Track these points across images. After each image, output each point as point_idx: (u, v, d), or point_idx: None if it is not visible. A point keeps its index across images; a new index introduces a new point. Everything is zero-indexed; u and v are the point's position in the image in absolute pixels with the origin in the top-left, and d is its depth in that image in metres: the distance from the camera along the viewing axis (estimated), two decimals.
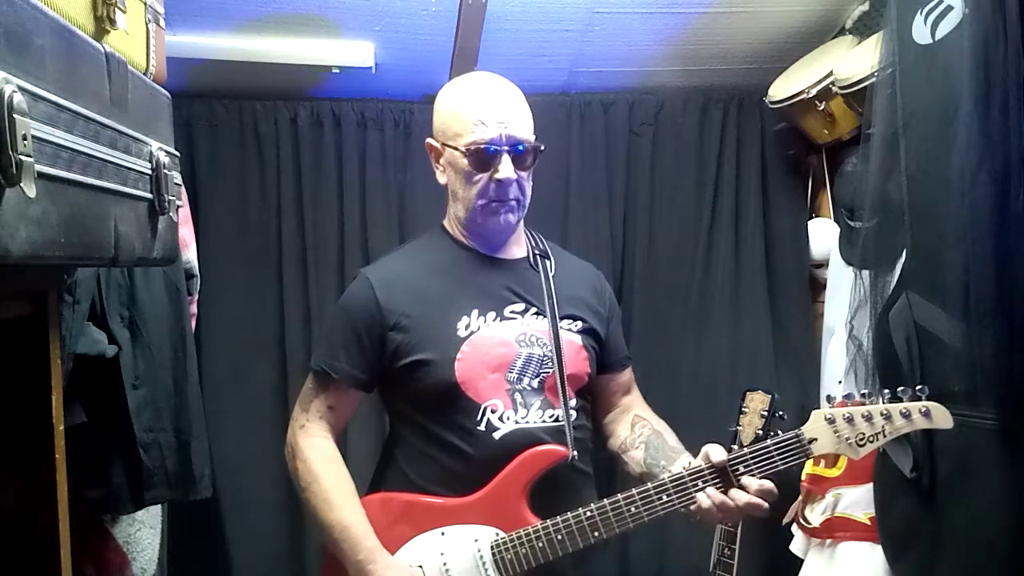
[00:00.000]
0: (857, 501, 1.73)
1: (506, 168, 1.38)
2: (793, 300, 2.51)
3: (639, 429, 1.53)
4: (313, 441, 1.44)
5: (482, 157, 1.38)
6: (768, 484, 1.28)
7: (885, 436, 1.25)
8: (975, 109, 1.19)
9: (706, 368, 2.48)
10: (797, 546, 1.91)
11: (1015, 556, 1.23)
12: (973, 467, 1.28)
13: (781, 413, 1.71)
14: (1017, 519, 1.22)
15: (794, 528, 1.92)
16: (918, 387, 1.23)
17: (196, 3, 1.95)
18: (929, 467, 1.34)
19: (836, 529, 1.77)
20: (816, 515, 1.81)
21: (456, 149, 1.40)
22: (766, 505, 1.28)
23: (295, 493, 2.36)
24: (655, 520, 1.32)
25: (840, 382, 1.86)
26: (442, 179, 1.47)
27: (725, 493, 1.29)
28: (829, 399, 1.29)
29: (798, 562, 1.89)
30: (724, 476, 1.29)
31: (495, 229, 1.45)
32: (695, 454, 1.37)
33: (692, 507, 1.30)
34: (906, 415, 1.23)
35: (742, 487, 1.28)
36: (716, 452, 1.31)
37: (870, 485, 1.60)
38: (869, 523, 1.68)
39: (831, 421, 1.27)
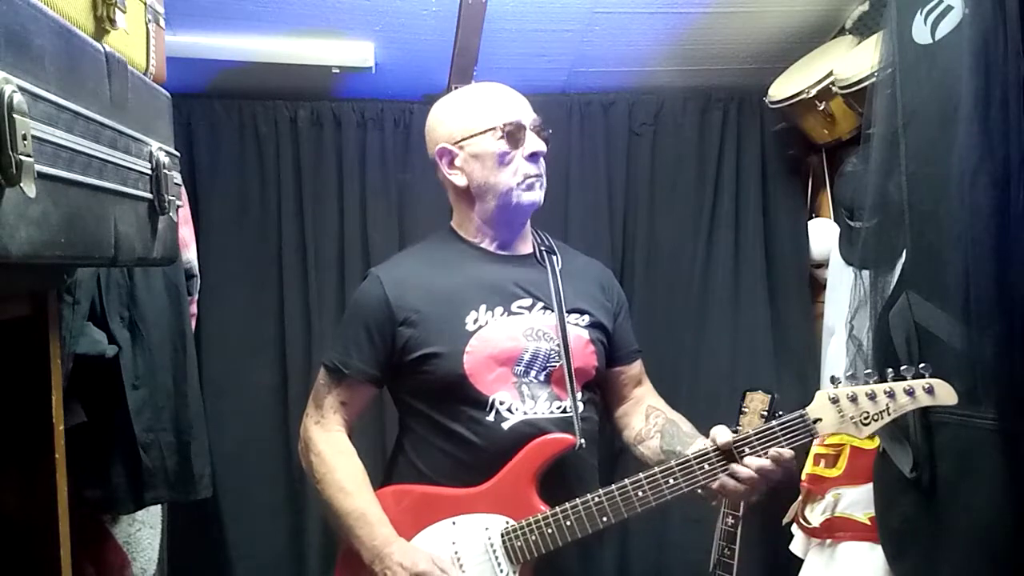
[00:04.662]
0: (857, 501, 1.73)
1: (537, 141, 1.46)
2: (793, 300, 2.51)
3: (654, 419, 1.55)
4: (327, 435, 1.48)
5: (516, 135, 1.44)
6: (772, 455, 1.30)
7: (890, 414, 1.25)
8: (975, 109, 1.19)
9: (706, 368, 2.48)
10: (797, 546, 1.91)
11: (1015, 556, 1.23)
12: (973, 467, 1.28)
13: (781, 413, 1.71)
14: (1017, 519, 1.22)
15: (794, 528, 1.92)
16: (921, 365, 1.23)
17: (197, 3, 1.95)
18: (929, 467, 1.34)
19: (836, 529, 1.76)
20: (816, 515, 1.81)
21: (482, 135, 1.45)
22: (779, 470, 1.30)
23: (295, 493, 2.40)
24: (663, 504, 1.33)
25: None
26: (462, 181, 1.48)
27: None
28: (833, 380, 1.29)
29: (798, 562, 1.89)
30: (730, 458, 1.31)
31: (526, 211, 1.49)
32: None
33: (714, 486, 1.32)
34: (910, 392, 1.23)
35: (746, 467, 1.30)
36: (722, 434, 1.33)
37: (870, 485, 1.60)
38: (869, 523, 1.68)
39: (835, 401, 1.27)
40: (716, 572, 1.82)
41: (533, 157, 1.46)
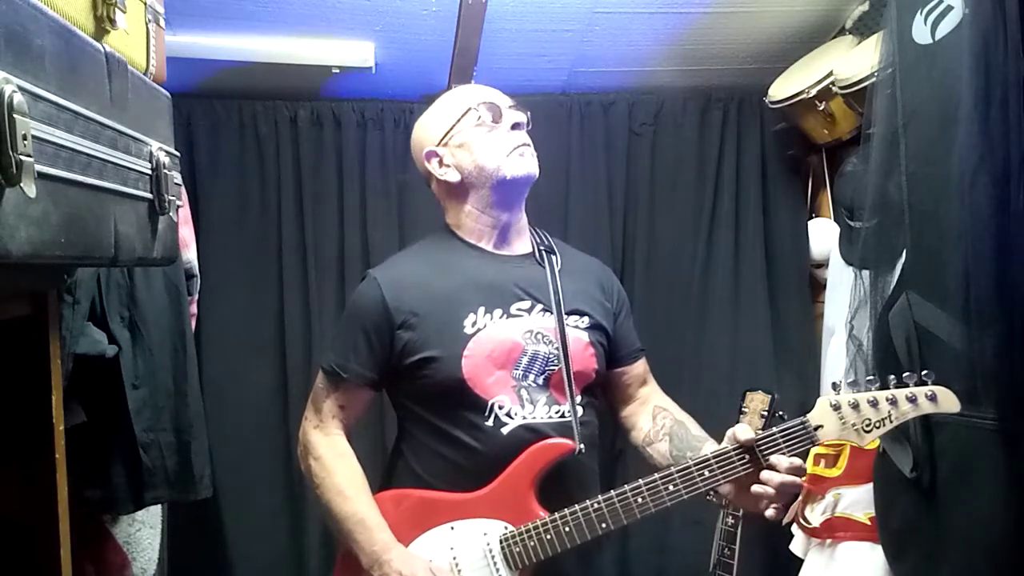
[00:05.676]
0: (857, 501, 1.73)
1: (516, 113, 1.48)
2: (793, 300, 2.51)
3: (661, 420, 1.53)
4: (326, 439, 1.47)
5: (494, 111, 1.47)
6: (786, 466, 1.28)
7: (892, 421, 1.23)
8: (975, 109, 1.19)
9: (706, 368, 2.49)
10: (797, 546, 1.91)
11: (1015, 556, 1.23)
12: (973, 467, 1.28)
13: (781, 413, 1.71)
14: (1017, 519, 1.22)
15: (794, 528, 1.92)
16: (923, 372, 1.22)
17: (196, 3, 1.95)
18: (929, 467, 1.34)
19: (836, 529, 1.77)
20: (816, 515, 1.81)
21: (462, 120, 1.47)
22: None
23: (295, 493, 2.40)
24: (662, 510, 1.32)
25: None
26: (455, 176, 1.48)
27: (742, 480, 1.30)
28: (835, 386, 1.28)
29: (798, 562, 1.89)
30: (729, 465, 1.30)
31: (522, 185, 1.48)
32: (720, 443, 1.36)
33: (723, 490, 1.32)
34: (912, 400, 1.22)
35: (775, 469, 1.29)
36: (743, 432, 1.30)
37: (870, 485, 1.60)
38: (869, 523, 1.68)
39: (836, 408, 1.26)
40: (716, 572, 1.82)
41: (516, 127, 1.48)
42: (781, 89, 2.23)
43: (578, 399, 1.44)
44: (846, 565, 1.74)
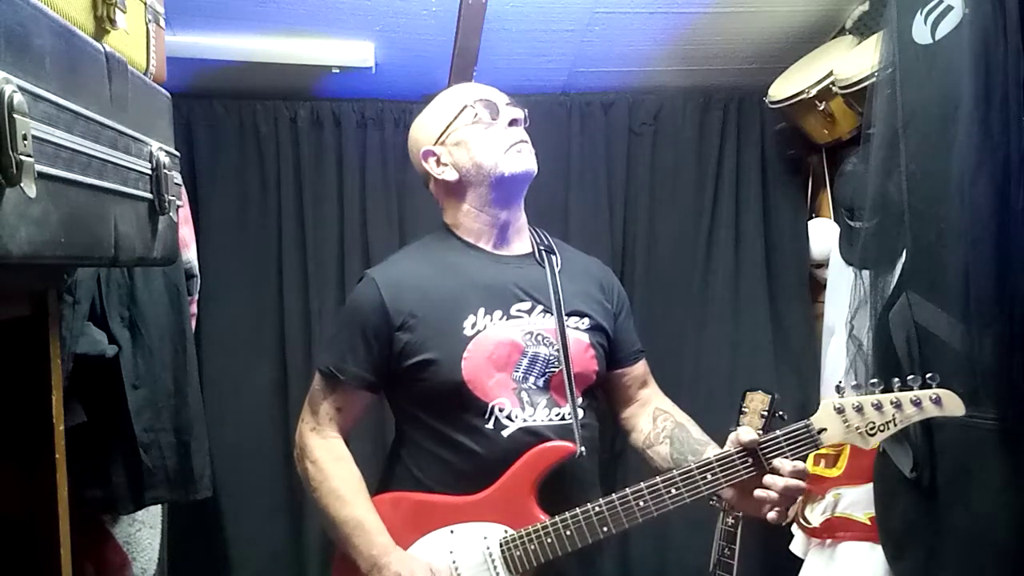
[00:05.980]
0: (857, 501, 1.73)
1: (514, 110, 1.47)
2: (793, 300, 2.51)
3: (661, 423, 1.51)
4: (323, 442, 1.45)
5: (490, 108, 1.46)
6: (790, 469, 1.26)
7: (896, 424, 1.22)
8: (975, 109, 1.20)
9: (706, 368, 2.49)
10: (797, 546, 1.92)
11: (1015, 556, 1.23)
12: (973, 467, 1.28)
13: (781, 413, 1.71)
14: (1017, 519, 1.22)
15: (794, 528, 1.92)
16: (928, 375, 1.21)
17: (196, 3, 1.94)
18: (929, 467, 1.34)
19: (836, 529, 1.77)
20: (816, 515, 1.82)
21: (459, 118, 1.46)
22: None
23: (295, 493, 2.40)
24: (664, 514, 1.31)
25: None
26: (452, 174, 1.46)
27: (745, 484, 1.28)
28: (838, 389, 1.27)
29: (798, 562, 1.89)
30: (732, 468, 1.29)
31: (520, 182, 1.47)
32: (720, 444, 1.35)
33: (726, 495, 1.31)
34: (916, 403, 1.20)
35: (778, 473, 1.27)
36: (746, 434, 1.29)
37: (870, 485, 1.60)
38: (869, 523, 1.68)
39: (840, 411, 1.24)
40: (716, 572, 1.82)
41: (513, 124, 1.46)
42: (781, 89, 2.24)
43: (579, 401, 1.43)
44: (846, 565, 1.74)
